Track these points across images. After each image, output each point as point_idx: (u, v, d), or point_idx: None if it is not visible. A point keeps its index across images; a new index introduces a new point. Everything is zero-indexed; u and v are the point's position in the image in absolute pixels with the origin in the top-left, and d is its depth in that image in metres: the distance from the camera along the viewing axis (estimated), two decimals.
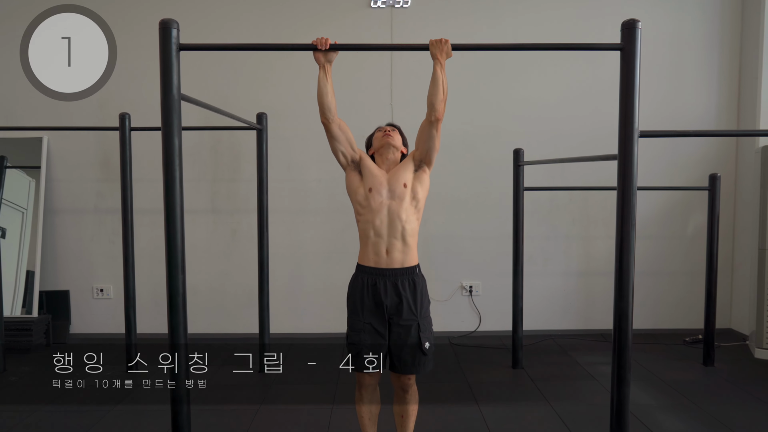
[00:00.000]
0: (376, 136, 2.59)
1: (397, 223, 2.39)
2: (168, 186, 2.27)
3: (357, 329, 2.41)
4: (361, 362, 2.40)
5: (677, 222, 5.02)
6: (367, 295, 2.41)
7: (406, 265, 2.42)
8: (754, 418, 3.27)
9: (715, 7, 4.90)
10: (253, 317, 4.92)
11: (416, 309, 2.41)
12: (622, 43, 2.28)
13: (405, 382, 2.48)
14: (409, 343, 2.39)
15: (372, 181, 2.43)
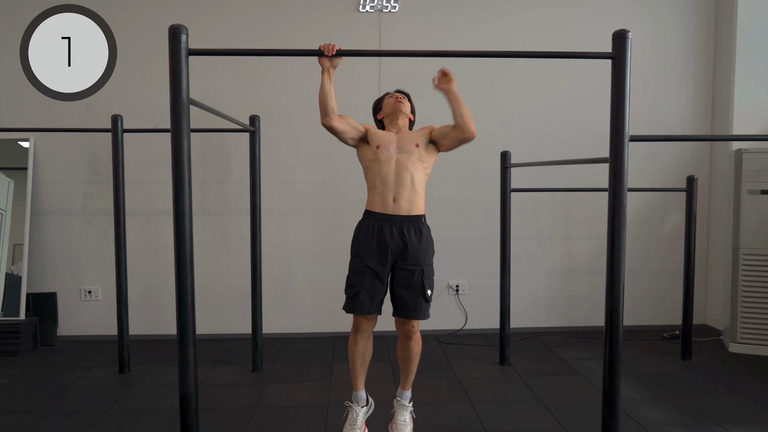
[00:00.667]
0: (387, 102, 2.69)
1: (404, 173, 2.48)
2: (177, 188, 2.33)
3: (358, 271, 2.49)
4: (359, 304, 2.48)
5: (655, 222, 5.21)
6: (372, 238, 2.48)
7: (413, 213, 2.51)
8: (733, 409, 3.44)
9: (691, 17, 5.10)
10: (243, 317, 4.97)
11: (421, 255, 2.50)
12: (613, 52, 2.40)
13: (409, 329, 2.56)
14: (412, 287, 2.47)
15: (380, 140, 2.53)
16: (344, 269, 4.97)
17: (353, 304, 2.51)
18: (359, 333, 2.60)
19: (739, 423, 3.24)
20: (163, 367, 4.25)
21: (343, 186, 5.01)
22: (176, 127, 2.29)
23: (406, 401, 2.69)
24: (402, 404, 2.68)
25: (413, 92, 4.95)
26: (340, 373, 4.12)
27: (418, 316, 2.52)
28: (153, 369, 4.21)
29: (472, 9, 4.97)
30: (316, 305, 5.06)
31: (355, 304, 2.50)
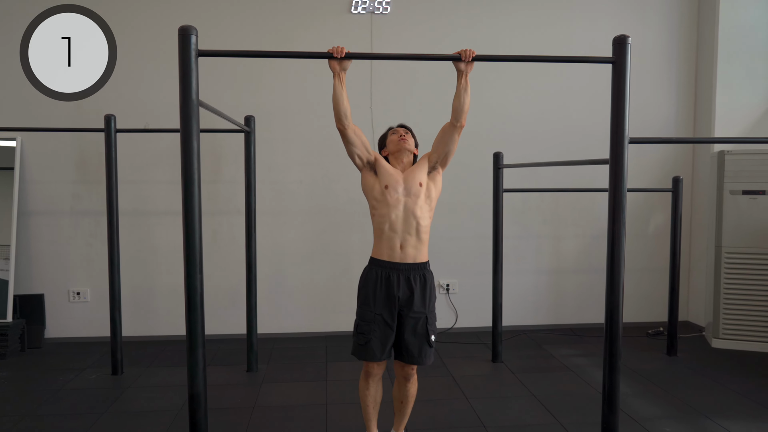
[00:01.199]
0: (392, 140, 2.70)
1: (412, 219, 2.50)
2: (187, 187, 2.33)
3: (368, 320, 2.51)
4: (371, 351, 2.50)
5: (640, 222, 5.34)
6: (380, 287, 2.50)
7: (418, 260, 2.53)
8: (720, 402, 3.55)
9: (674, 22, 5.23)
10: (235, 318, 4.97)
11: (426, 303, 2.54)
12: (614, 56, 2.48)
13: (408, 371, 2.61)
14: (417, 335, 2.51)
15: (388, 179, 2.53)
16: (336, 269, 5.05)
17: (366, 352, 2.52)
18: (371, 378, 2.63)
19: (727, 415, 3.35)
20: (157, 369, 4.22)
21: (335, 186, 5.03)
22: (186, 128, 2.30)
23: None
24: None
25: (406, 93, 5.04)
26: (335, 372, 4.14)
27: (421, 361, 2.55)
28: (146, 370, 4.19)
29: (462, 11, 5.04)
30: (308, 305, 5.08)
31: (367, 351, 2.51)
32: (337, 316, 5.10)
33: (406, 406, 2.69)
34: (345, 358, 4.44)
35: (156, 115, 4.77)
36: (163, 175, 4.89)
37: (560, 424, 3.25)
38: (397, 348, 2.57)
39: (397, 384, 2.70)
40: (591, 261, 5.33)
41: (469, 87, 2.52)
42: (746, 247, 4.56)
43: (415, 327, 2.51)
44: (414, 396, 2.72)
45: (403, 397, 2.68)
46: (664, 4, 5.23)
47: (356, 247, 5.07)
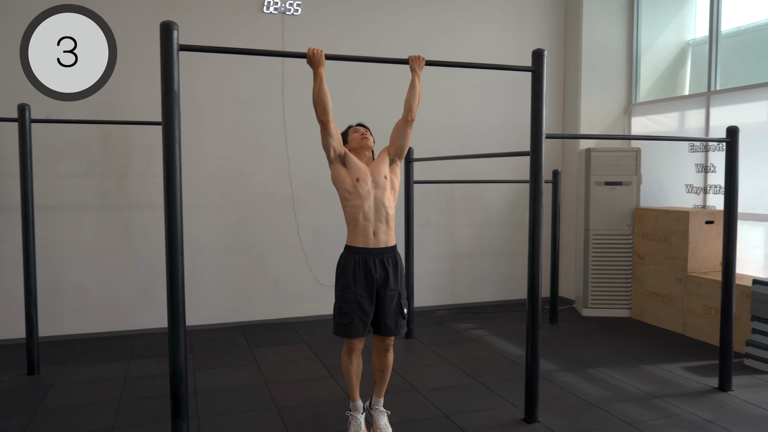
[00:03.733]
0: (354, 138, 2.96)
1: (382, 208, 2.81)
2: (169, 174, 2.45)
3: (350, 301, 2.77)
4: (355, 329, 2.78)
5: (522, 210, 6.07)
6: (359, 271, 2.78)
7: (390, 244, 2.85)
8: (598, 356, 4.28)
9: (545, 36, 6.03)
10: (149, 313, 4.93)
11: (398, 281, 2.86)
12: (533, 66, 3.00)
13: (388, 343, 2.92)
14: (393, 310, 2.83)
15: (358, 172, 2.81)
16: (251, 260, 5.20)
17: (350, 330, 2.78)
18: (353, 353, 2.89)
19: (605, 365, 4.07)
20: (76, 366, 4.11)
21: (250, 180, 5.17)
22: (168, 120, 2.43)
23: (382, 407, 3.03)
24: (380, 411, 3.01)
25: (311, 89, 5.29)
26: (263, 356, 4.32)
27: (398, 332, 2.88)
28: (65, 369, 4.07)
29: (368, 13, 5.40)
30: (223, 297, 5.16)
31: (351, 329, 2.77)
32: (253, 306, 5.24)
33: (386, 373, 2.99)
34: (268, 344, 4.62)
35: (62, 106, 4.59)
36: (69, 168, 4.72)
37: (480, 383, 3.75)
38: (375, 324, 2.86)
39: (377, 356, 2.97)
40: (481, 246, 5.97)
41: (418, 85, 2.88)
42: (608, 230, 5.43)
43: (391, 303, 2.82)
44: (392, 364, 3.01)
45: (383, 367, 2.96)
46: (538, 21, 5.99)
47: (270, 238, 5.25)
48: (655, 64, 6.03)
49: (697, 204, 5.28)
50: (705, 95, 5.20)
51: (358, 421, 2.95)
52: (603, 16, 5.90)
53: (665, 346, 4.52)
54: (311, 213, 5.37)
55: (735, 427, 3.06)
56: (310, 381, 3.80)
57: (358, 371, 2.95)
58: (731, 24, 5.16)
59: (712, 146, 5.10)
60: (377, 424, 2.96)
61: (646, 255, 5.23)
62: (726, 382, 3.58)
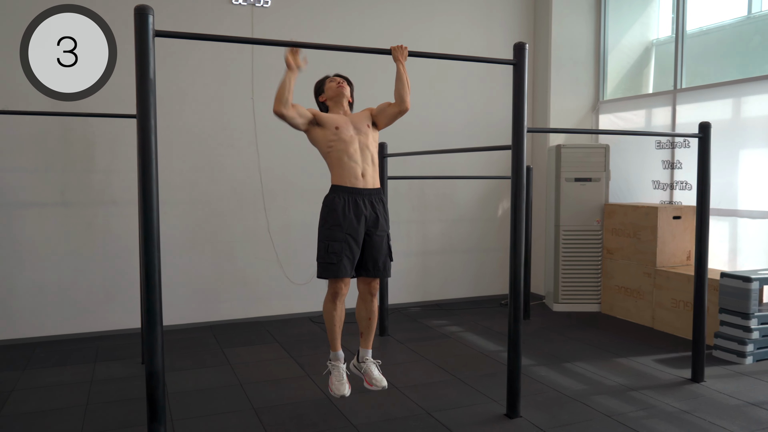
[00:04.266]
0: (330, 86, 2.90)
1: (366, 151, 2.78)
2: (145, 167, 2.33)
3: (339, 239, 2.69)
4: (342, 269, 2.69)
5: (491, 207, 6.09)
6: (349, 210, 2.72)
7: (377, 186, 2.83)
8: (570, 350, 4.31)
9: (515, 33, 6.05)
10: (113, 314, 4.75)
11: (387, 222, 2.84)
12: (514, 59, 2.98)
13: (374, 286, 2.87)
14: (382, 251, 2.79)
15: (335, 121, 2.77)
16: (220, 258, 5.05)
17: (339, 269, 2.69)
18: (338, 298, 2.82)
19: (579, 358, 4.11)
20: (35, 371, 3.91)
21: (218, 175, 5.03)
22: (143, 108, 2.31)
23: (371, 357, 2.97)
24: (371, 362, 2.95)
25: None
26: (235, 357, 4.20)
27: (387, 274, 2.86)
28: (24, 374, 3.87)
29: (338, 7, 5.32)
30: (190, 296, 5.00)
31: (340, 268, 2.69)
32: (222, 305, 5.10)
33: (373, 321, 2.93)
34: (240, 344, 4.50)
35: None
36: (26, 162, 4.49)
37: (458, 379, 3.73)
38: (362, 266, 2.79)
39: (362, 303, 2.91)
40: (452, 242, 5.96)
41: (407, 76, 2.85)
42: (578, 225, 5.49)
43: (380, 244, 2.78)
44: (377, 311, 2.96)
45: (370, 314, 2.91)
46: (507, 17, 6.01)
47: (240, 236, 5.12)
48: (620, 62, 6.14)
49: (663, 200, 5.38)
50: (671, 93, 5.30)
51: (339, 370, 2.91)
52: (571, 14, 5.96)
53: (636, 340, 4.59)
54: (282, 209, 5.26)
55: (711, 417, 3.11)
56: (286, 381, 3.71)
57: (341, 318, 2.90)
58: (695, 24, 5.28)
59: (679, 143, 5.21)
60: (370, 375, 2.91)
61: (615, 250, 5.31)
62: (699, 373, 3.64)
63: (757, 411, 3.20)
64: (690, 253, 5.01)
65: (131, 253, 4.71)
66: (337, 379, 2.88)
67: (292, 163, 5.26)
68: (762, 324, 4.01)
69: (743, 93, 4.71)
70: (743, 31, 5.11)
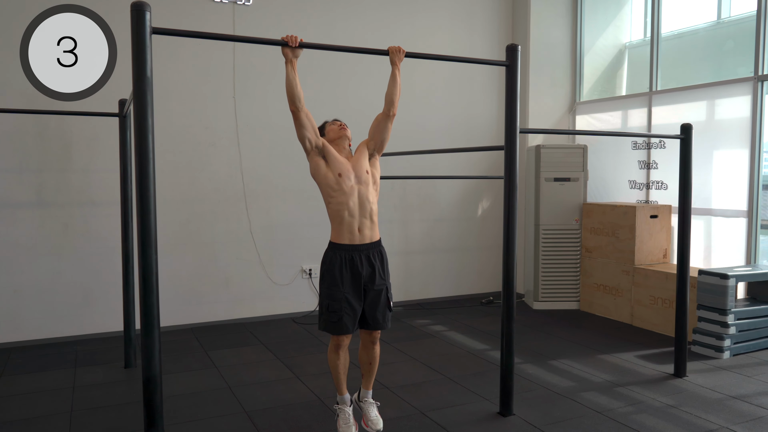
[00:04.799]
0: (332, 129, 2.86)
1: (366, 204, 2.75)
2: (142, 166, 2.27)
3: (338, 299, 2.71)
4: (344, 326, 2.72)
5: (472, 207, 6.14)
6: (346, 269, 2.72)
7: (374, 240, 2.80)
8: (554, 347, 4.38)
9: (494, 36, 6.11)
10: (91, 317, 4.65)
11: (384, 275, 2.82)
12: (507, 61, 3.01)
13: (375, 336, 2.88)
14: (380, 304, 2.79)
15: (340, 167, 2.73)
16: (202, 259, 4.98)
17: (339, 328, 2.72)
18: (341, 349, 2.83)
19: (564, 356, 4.18)
20: (14, 377, 3.79)
21: (199, 176, 4.95)
22: (141, 106, 2.26)
23: (371, 398, 2.99)
24: (370, 402, 2.96)
25: (266, 82, 5.13)
26: (220, 359, 4.15)
27: (386, 326, 2.86)
28: (1, 380, 3.74)
29: (320, 7, 5.29)
30: (171, 298, 4.89)
31: (340, 327, 2.72)
32: (204, 307, 5.02)
33: (374, 366, 2.94)
34: (224, 346, 4.44)
35: None
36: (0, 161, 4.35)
37: (448, 378, 3.75)
38: (363, 319, 2.81)
39: (364, 350, 2.92)
40: (433, 242, 5.99)
41: (399, 78, 2.84)
42: (557, 225, 5.58)
43: (378, 298, 2.77)
44: (379, 356, 2.98)
45: (371, 360, 2.92)
46: (486, 20, 6.07)
47: (222, 236, 5.05)
48: (595, 64, 6.25)
49: (640, 199, 5.51)
50: (647, 95, 5.43)
51: (346, 413, 2.92)
52: (549, 17, 6.05)
53: (616, 336, 4.69)
54: (264, 210, 5.20)
55: (697, 411, 3.20)
56: (275, 383, 3.67)
57: (345, 366, 2.90)
58: (669, 28, 5.42)
59: (654, 144, 5.34)
60: (368, 416, 2.91)
61: (593, 249, 5.41)
62: (681, 368, 3.74)
63: (740, 404, 3.30)
64: (666, 251, 5.15)
65: (111, 255, 4.61)
66: (345, 422, 2.91)
67: (275, 163, 5.21)
68: (738, 319, 4.14)
69: (717, 95, 4.86)
70: (716, 35, 5.27)
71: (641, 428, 3.00)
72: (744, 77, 4.65)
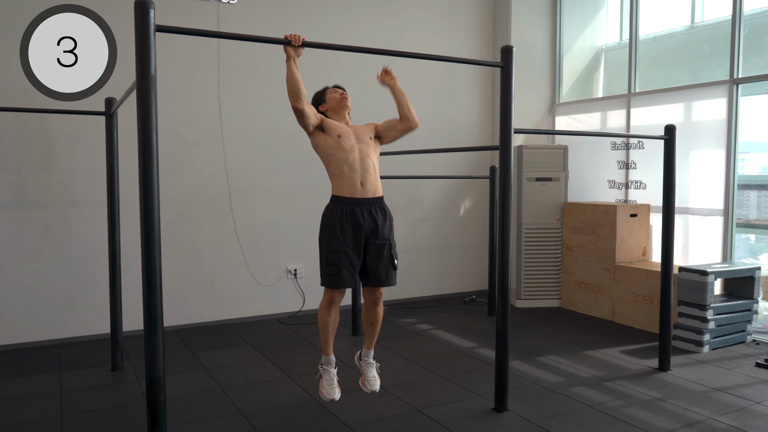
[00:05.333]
0: (333, 97, 2.87)
1: (367, 160, 2.77)
2: (146, 171, 2.25)
3: (338, 251, 2.68)
4: (342, 280, 2.69)
5: (454, 206, 6.20)
6: (347, 221, 2.71)
7: (377, 195, 2.81)
8: (540, 344, 4.46)
9: (476, 36, 6.18)
10: (73, 320, 4.57)
11: (388, 231, 2.82)
12: (502, 62, 3.06)
13: (378, 295, 2.87)
14: (383, 260, 2.78)
15: (339, 130, 2.75)
16: (185, 261, 4.93)
17: (337, 281, 2.69)
18: (333, 305, 2.80)
19: (550, 352, 4.26)
20: None
21: (183, 176, 4.89)
22: (145, 104, 2.23)
23: (372, 359, 2.98)
24: (369, 362, 2.96)
25: (250, 80, 5.10)
26: (210, 361, 4.11)
27: (390, 283, 2.83)
28: None
29: (306, 6, 5.28)
30: None
31: (339, 280, 2.69)
32: (189, 308, 4.97)
33: (377, 326, 2.95)
34: (211, 347, 4.40)
35: None
36: None
37: (440, 376, 3.79)
38: (365, 275, 2.79)
39: (366, 309, 2.91)
40: (417, 241, 6.03)
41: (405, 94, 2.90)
42: (539, 224, 5.67)
43: (381, 253, 2.77)
44: (382, 316, 2.98)
45: (373, 320, 2.91)
46: (468, 21, 6.13)
47: (206, 237, 5.00)
48: (573, 66, 6.38)
49: (619, 198, 5.64)
50: (626, 97, 5.56)
51: (330, 374, 2.93)
52: (530, 18, 6.15)
53: (598, 333, 4.80)
54: (249, 210, 5.17)
55: (683, 404, 3.30)
56: (268, 383, 3.66)
57: (334, 324, 2.90)
58: (646, 32, 5.57)
59: (633, 144, 5.48)
60: (365, 376, 2.94)
61: (574, 247, 5.52)
62: (665, 362, 3.85)
63: (723, 396, 3.41)
64: (645, 249, 5.28)
65: (94, 256, 4.53)
66: (328, 383, 2.90)
67: (260, 163, 5.18)
68: (717, 314, 4.28)
69: (694, 98, 5.01)
70: (692, 39, 5.43)
71: (632, 420, 3.08)
72: (720, 80, 4.81)
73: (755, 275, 4.46)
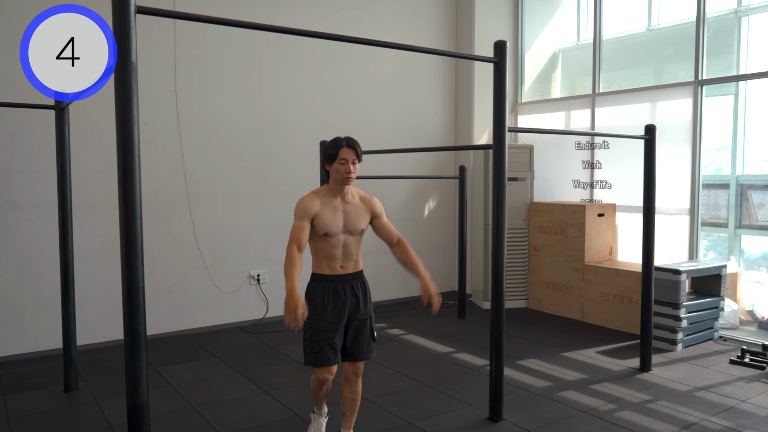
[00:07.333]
0: (338, 169, 2.56)
1: (352, 250, 2.64)
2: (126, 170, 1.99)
3: (320, 329, 2.56)
4: (326, 358, 2.55)
5: (417, 206, 6.06)
6: (329, 299, 2.58)
7: (357, 270, 2.68)
8: (516, 346, 4.39)
9: (439, 35, 6.08)
10: (14, 337, 4.16)
11: (368, 304, 2.69)
12: (495, 57, 2.94)
13: (359, 368, 2.73)
14: (365, 333, 2.66)
15: (327, 227, 2.55)
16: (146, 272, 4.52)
17: (321, 359, 2.57)
18: (324, 384, 2.67)
19: (529, 355, 4.19)
20: None
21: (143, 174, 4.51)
22: (125, 92, 1.98)
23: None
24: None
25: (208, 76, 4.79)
26: (173, 376, 3.80)
27: (370, 356, 2.72)
28: None
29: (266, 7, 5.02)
30: (106, 312, 4.47)
31: (322, 358, 2.57)
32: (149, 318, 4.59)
33: (356, 402, 2.80)
34: (173, 361, 4.09)
35: None
36: None
37: (423, 384, 3.64)
38: (346, 350, 2.67)
39: (346, 384, 2.76)
40: (381, 243, 5.81)
41: None
42: (509, 224, 5.60)
43: (363, 327, 2.66)
44: (361, 393, 2.83)
45: (354, 395, 2.77)
46: (432, 17, 6.02)
47: (163, 241, 4.66)
48: (533, 66, 6.38)
49: (584, 198, 5.66)
50: (590, 97, 5.59)
51: (320, 423, 2.84)
52: (492, 17, 6.09)
53: (571, 333, 4.77)
54: (209, 212, 4.86)
55: (673, 405, 3.28)
56: (243, 399, 3.40)
57: (327, 393, 2.81)
58: (608, 32, 5.61)
59: (598, 144, 5.51)
60: None
61: (542, 247, 5.49)
62: (647, 363, 3.84)
63: (708, 395, 3.42)
64: (612, 248, 5.32)
65: (39, 265, 4.13)
66: (316, 430, 2.79)
67: (220, 162, 4.88)
68: (689, 313, 4.33)
69: (659, 98, 5.07)
70: (656, 40, 5.50)
71: (629, 426, 3.02)
72: (685, 81, 4.89)
73: (722, 273, 4.55)
